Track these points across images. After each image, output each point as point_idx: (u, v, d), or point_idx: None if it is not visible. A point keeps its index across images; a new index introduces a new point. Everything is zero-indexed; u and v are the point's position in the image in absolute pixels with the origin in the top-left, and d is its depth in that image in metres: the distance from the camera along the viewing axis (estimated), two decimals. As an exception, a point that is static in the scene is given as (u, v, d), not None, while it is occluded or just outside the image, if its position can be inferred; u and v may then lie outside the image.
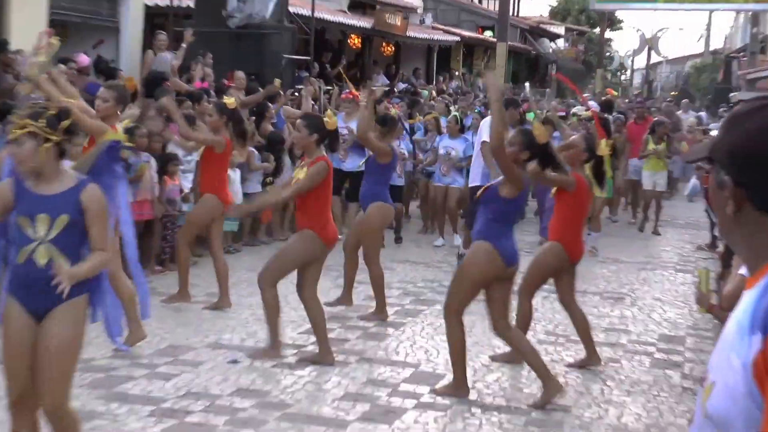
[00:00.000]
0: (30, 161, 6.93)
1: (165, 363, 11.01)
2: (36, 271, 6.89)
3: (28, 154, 6.91)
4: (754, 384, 2.68)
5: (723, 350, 2.88)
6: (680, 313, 15.16)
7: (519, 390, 10.82)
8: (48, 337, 6.96)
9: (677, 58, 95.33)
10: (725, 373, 2.82)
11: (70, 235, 6.94)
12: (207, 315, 13.32)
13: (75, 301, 7.01)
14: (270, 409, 9.77)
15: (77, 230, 6.98)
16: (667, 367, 12.11)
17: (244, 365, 11.14)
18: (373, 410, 9.91)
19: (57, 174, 7.05)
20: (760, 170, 2.87)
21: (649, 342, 13.34)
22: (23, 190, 6.99)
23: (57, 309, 6.94)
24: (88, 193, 7.00)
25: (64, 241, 6.92)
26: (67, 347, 7.00)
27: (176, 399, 9.87)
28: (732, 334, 2.85)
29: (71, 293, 6.86)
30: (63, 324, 6.96)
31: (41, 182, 7.01)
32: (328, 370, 11.14)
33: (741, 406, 2.74)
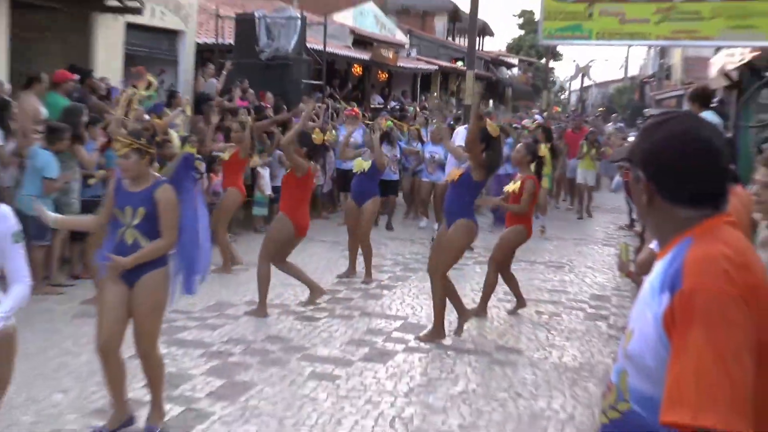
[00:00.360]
0: (134, 171, 7.08)
1: (212, 316, 11.03)
2: (126, 248, 7.02)
3: (133, 165, 7.06)
4: (663, 331, 2.75)
5: (640, 306, 2.95)
6: (606, 278, 15.16)
7: (484, 337, 10.84)
8: (139, 299, 7.08)
9: (604, 83, 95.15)
10: (641, 323, 2.89)
11: (148, 223, 7.04)
12: (243, 279, 13.32)
13: (157, 272, 7.13)
14: (292, 351, 9.79)
15: (153, 219, 7.07)
16: (597, 319, 12.13)
17: (272, 318, 11.17)
18: (372, 352, 9.93)
19: (147, 177, 7.16)
20: (664, 170, 2.95)
21: (583, 300, 13.35)
22: (120, 188, 7.16)
23: (143, 277, 7.05)
24: (160, 191, 7.08)
25: (143, 226, 7.03)
26: (153, 307, 7.13)
27: (220, 344, 9.89)
28: (647, 294, 2.91)
29: (156, 265, 7.09)
30: (149, 290, 7.08)
31: (133, 183, 7.14)
32: (337, 321, 11.17)
33: (652, 348, 2.80)
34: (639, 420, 2.89)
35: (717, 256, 2.77)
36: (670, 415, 2.60)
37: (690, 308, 2.68)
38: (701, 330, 2.63)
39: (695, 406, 2.55)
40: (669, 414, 2.61)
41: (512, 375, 9.40)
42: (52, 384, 8.22)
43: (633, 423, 2.92)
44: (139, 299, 7.09)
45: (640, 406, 2.89)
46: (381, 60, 34.66)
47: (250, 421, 7.62)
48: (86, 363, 8.76)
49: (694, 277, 2.74)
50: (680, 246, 2.90)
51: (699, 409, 2.55)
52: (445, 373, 9.34)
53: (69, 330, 10.08)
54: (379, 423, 7.74)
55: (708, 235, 2.89)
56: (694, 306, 2.68)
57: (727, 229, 2.94)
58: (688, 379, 2.60)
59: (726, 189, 3.01)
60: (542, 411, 8.29)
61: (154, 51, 22.15)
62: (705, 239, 2.87)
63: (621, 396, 2.99)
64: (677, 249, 2.90)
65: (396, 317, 11.63)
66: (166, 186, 7.17)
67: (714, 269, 2.74)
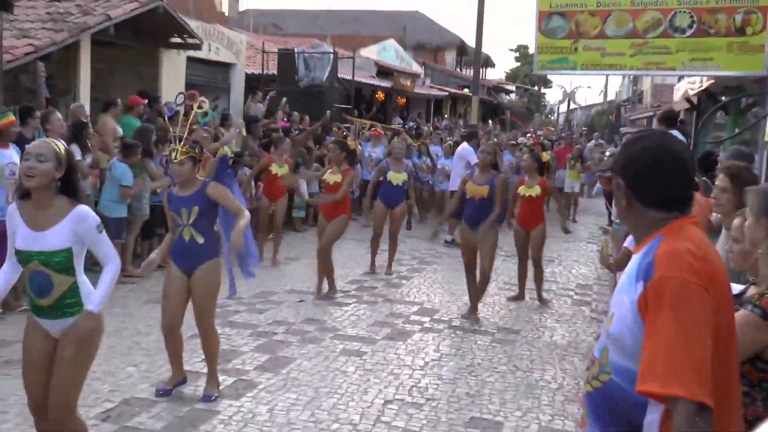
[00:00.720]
0: (186, 176, 7.16)
1: (259, 302, 11.03)
2: (184, 244, 7.16)
3: (188, 171, 7.16)
4: (637, 314, 2.82)
5: (619, 292, 3.00)
6: (589, 270, 15.12)
7: (487, 319, 10.81)
8: (197, 286, 7.20)
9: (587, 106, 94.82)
10: (620, 307, 2.95)
11: (201, 219, 7.15)
12: (286, 271, 13.35)
13: (210, 263, 7.24)
14: (326, 331, 9.80)
15: (206, 216, 7.20)
16: (581, 304, 12.10)
17: (308, 304, 11.17)
18: (393, 332, 9.92)
19: (194, 182, 7.24)
20: (640, 178, 3.02)
21: (570, 288, 13.32)
22: (171, 196, 7.25)
23: (200, 268, 7.18)
24: (210, 188, 7.18)
25: (198, 224, 7.13)
26: (208, 292, 7.26)
27: (266, 325, 9.90)
28: (624, 282, 2.97)
29: (209, 257, 7.22)
30: (204, 278, 7.21)
31: (182, 188, 7.22)
32: (363, 306, 11.18)
33: (630, 328, 2.86)
34: (618, 389, 2.94)
35: (682, 251, 2.84)
36: (644, 385, 2.69)
37: (660, 294, 2.76)
38: (669, 313, 2.71)
39: (664, 378, 2.64)
40: (643, 384, 2.69)
41: (511, 351, 9.38)
42: (126, 359, 8.25)
43: (613, 391, 2.97)
44: (197, 286, 7.21)
45: (620, 378, 2.94)
46: (400, 87, 34.71)
47: (291, 390, 7.63)
48: (155, 341, 8.79)
49: (663, 268, 2.81)
50: (652, 242, 2.96)
51: (667, 380, 2.64)
52: (454, 350, 9.34)
53: (140, 313, 10.12)
54: (399, 391, 7.74)
55: (675, 233, 2.94)
56: (663, 292, 2.75)
57: (691, 228, 3.00)
58: (659, 354, 2.68)
59: (691, 195, 3.08)
60: (536, 381, 8.28)
61: (211, 80, 22.22)
62: (673, 237, 2.93)
63: (603, 369, 3.03)
64: (650, 245, 2.96)
65: (413, 303, 11.61)
66: (212, 183, 7.29)
67: (679, 262, 2.81)
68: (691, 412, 2.62)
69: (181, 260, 7.26)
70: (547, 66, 15.27)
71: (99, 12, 15.22)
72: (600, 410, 3.06)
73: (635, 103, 53.94)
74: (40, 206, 5.07)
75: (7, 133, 9.80)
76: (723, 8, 13.61)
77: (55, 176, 5.03)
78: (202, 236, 7.18)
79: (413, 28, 55.41)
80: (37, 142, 5.25)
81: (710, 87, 18.34)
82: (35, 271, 5.07)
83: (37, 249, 5.02)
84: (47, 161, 4.99)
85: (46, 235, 5.02)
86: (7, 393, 7.07)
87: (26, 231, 5.06)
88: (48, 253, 5.03)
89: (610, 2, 14.26)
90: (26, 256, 5.06)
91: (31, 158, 4.98)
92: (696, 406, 2.62)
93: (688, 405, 2.62)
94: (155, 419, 6.75)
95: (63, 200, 5.11)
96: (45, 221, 5.04)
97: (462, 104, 47.93)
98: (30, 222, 5.06)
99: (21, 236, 5.07)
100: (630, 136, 3.28)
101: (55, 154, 5.03)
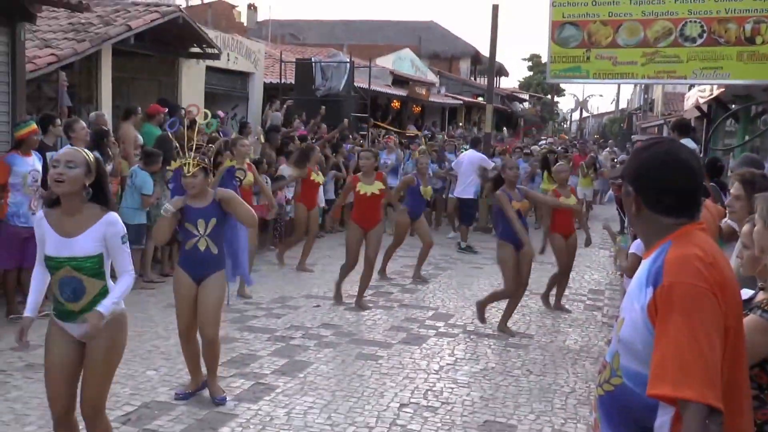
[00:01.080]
0: (199, 187, 7.13)
1: (277, 307, 11.04)
2: (199, 254, 7.18)
3: (200, 183, 7.12)
4: (648, 319, 2.83)
5: (629, 298, 3.00)
6: (601, 275, 15.10)
7: (500, 324, 10.82)
8: (205, 294, 7.22)
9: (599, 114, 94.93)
10: (630, 312, 2.95)
11: (217, 230, 7.20)
12: (304, 277, 13.36)
13: (218, 273, 7.30)
14: (343, 336, 9.80)
15: (221, 226, 7.24)
16: (593, 309, 12.07)
17: (325, 309, 11.18)
18: (409, 337, 9.91)
19: (207, 193, 7.23)
20: (649, 185, 3.03)
21: (582, 293, 13.30)
22: (187, 206, 7.19)
23: (209, 278, 7.22)
24: (219, 193, 7.22)
25: (213, 234, 7.18)
26: (215, 302, 7.24)
27: (284, 330, 9.90)
28: (635, 288, 2.97)
29: (217, 267, 7.27)
30: (213, 287, 7.24)
31: (196, 199, 7.19)
32: (380, 311, 11.17)
33: (640, 333, 2.87)
34: (629, 392, 2.95)
35: (691, 257, 2.85)
36: (655, 388, 2.71)
37: (669, 300, 2.77)
38: (679, 317, 2.73)
39: (675, 381, 2.66)
40: (654, 388, 2.71)
41: (524, 355, 9.37)
42: (146, 363, 8.27)
43: (624, 395, 2.98)
44: (206, 294, 7.24)
45: (631, 381, 2.95)
46: (416, 96, 34.73)
47: (308, 393, 7.63)
48: (174, 345, 8.80)
49: (672, 274, 2.82)
50: (662, 248, 2.97)
51: (678, 384, 2.65)
52: (468, 354, 9.32)
53: (160, 318, 10.14)
54: (414, 395, 7.73)
55: (684, 239, 2.96)
56: (673, 298, 2.77)
57: (699, 234, 3.01)
58: (669, 358, 2.70)
59: (699, 201, 3.10)
60: (549, 385, 8.26)
61: (229, 89, 22.30)
62: (682, 243, 2.94)
63: (614, 373, 3.04)
64: (659, 250, 2.97)
65: (428, 308, 11.60)
66: (220, 190, 7.32)
67: (688, 268, 2.82)
68: (702, 414, 2.64)
69: (193, 269, 7.27)
70: (559, 75, 15.27)
71: (120, 23, 15.29)
72: (612, 413, 3.06)
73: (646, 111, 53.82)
74: (69, 213, 5.07)
75: (30, 142, 9.86)
76: (733, 18, 13.63)
77: (84, 182, 5.03)
78: (217, 247, 7.24)
79: (428, 38, 55.51)
80: (67, 149, 5.27)
81: (720, 95, 18.35)
82: (68, 277, 5.07)
83: (67, 255, 5.03)
84: (76, 167, 4.99)
85: (77, 241, 5.03)
86: (29, 396, 7.11)
87: (55, 238, 5.06)
88: (80, 258, 5.04)
89: (622, 12, 14.28)
90: (57, 262, 5.06)
91: (60, 165, 4.98)
92: (706, 409, 2.64)
93: (698, 408, 2.64)
94: (175, 422, 6.77)
95: (94, 208, 5.12)
96: (74, 228, 5.05)
97: (476, 112, 47.92)
98: (58, 229, 5.06)
99: (51, 243, 5.07)
100: (640, 144, 3.29)
101: (84, 161, 5.04)
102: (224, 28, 26.45)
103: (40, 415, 6.65)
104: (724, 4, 13.76)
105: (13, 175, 9.66)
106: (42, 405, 6.83)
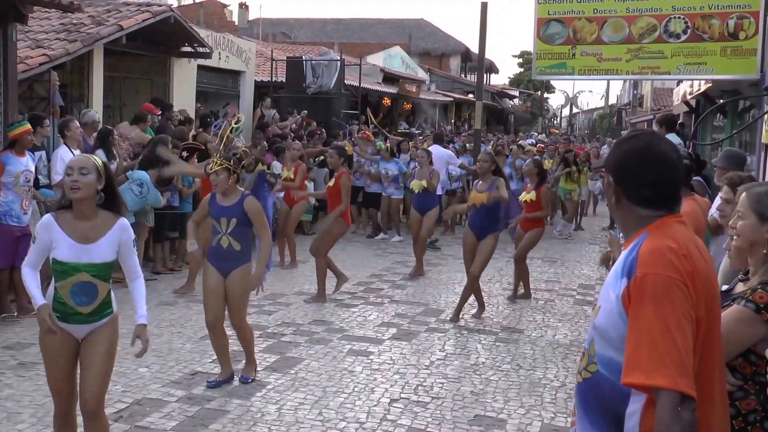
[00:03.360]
0: (223, 186, 7.60)
1: (268, 304, 11.03)
2: (222, 250, 7.67)
3: (223, 181, 7.58)
4: (622, 309, 2.90)
5: (606, 287, 3.08)
6: (591, 270, 15.08)
7: (491, 319, 10.80)
8: (232, 287, 7.68)
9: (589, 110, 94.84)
10: (606, 301, 3.02)
11: (238, 229, 7.63)
12: (294, 274, 13.35)
13: (244, 266, 7.71)
14: (334, 332, 9.79)
15: (242, 226, 7.65)
16: (583, 304, 12.06)
17: (317, 305, 11.16)
18: (399, 332, 9.91)
19: (235, 192, 7.66)
20: (628, 176, 3.08)
21: (572, 288, 13.30)
22: (214, 203, 7.71)
23: (233, 271, 7.67)
24: (247, 203, 7.64)
25: (235, 232, 7.62)
26: (240, 293, 7.73)
27: (275, 326, 9.90)
28: (611, 277, 3.05)
29: (243, 261, 7.71)
30: (237, 280, 7.68)
31: (224, 197, 7.65)
32: (370, 308, 11.17)
33: (614, 322, 2.95)
34: (605, 379, 3.01)
35: (664, 249, 2.90)
36: (628, 377, 2.77)
37: (642, 290, 2.83)
38: (651, 307, 2.79)
39: (647, 369, 2.72)
40: (628, 376, 2.77)
41: (514, 350, 9.37)
42: (137, 360, 8.20)
43: (600, 382, 3.04)
44: (232, 287, 7.67)
45: (606, 369, 3.00)
46: (406, 93, 34.70)
47: (299, 389, 7.63)
48: (166, 342, 8.85)
49: (645, 265, 2.88)
50: (638, 240, 3.02)
51: (651, 372, 2.71)
52: (459, 349, 9.32)
53: (152, 316, 10.02)
54: (405, 390, 7.73)
55: (660, 231, 3.00)
56: (645, 288, 2.83)
57: (676, 227, 3.05)
58: (642, 347, 2.76)
59: (678, 195, 3.14)
60: (539, 380, 8.27)
61: (221, 88, 22.26)
62: (657, 235, 2.98)
63: (591, 360, 3.10)
64: (635, 242, 3.02)
65: (419, 304, 11.59)
66: (250, 198, 7.73)
67: (661, 259, 2.87)
68: (674, 401, 2.69)
69: (218, 263, 7.70)
70: (545, 71, 15.31)
71: (111, 22, 15.23)
72: (588, 400, 3.11)
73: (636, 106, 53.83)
74: (83, 218, 5.12)
75: (24, 141, 9.83)
76: (716, 14, 13.73)
77: (97, 188, 5.11)
78: (240, 244, 7.65)
79: (418, 36, 55.56)
80: (79, 157, 5.38)
81: (708, 90, 18.37)
82: (83, 282, 5.10)
83: (87, 261, 5.09)
84: (89, 173, 5.06)
85: (96, 248, 5.11)
86: (21, 394, 7.08)
87: (72, 243, 5.08)
88: (99, 265, 5.13)
89: (607, 9, 14.34)
90: (73, 268, 5.08)
91: (74, 172, 5.04)
92: (679, 396, 2.69)
93: (670, 395, 2.69)
94: (166, 419, 6.75)
95: (106, 213, 5.21)
96: (92, 233, 5.12)
97: (467, 109, 47.91)
98: (74, 234, 5.09)
99: (65, 248, 5.08)
100: (621, 137, 3.32)
101: (95, 167, 5.11)
102: (216, 27, 26.45)
103: (32, 413, 6.64)
104: (708, 0, 13.82)
105: (5, 175, 9.62)
106: (34, 403, 6.85)
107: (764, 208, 3.77)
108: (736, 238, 3.87)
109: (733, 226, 3.90)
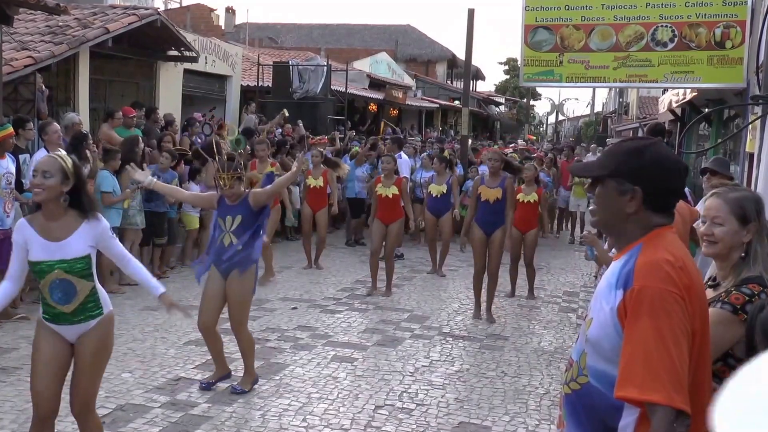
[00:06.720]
0: (240, 194, 7.73)
1: (252, 309, 10.91)
2: (224, 248, 7.68)
3: (238, 191, 7.72)
4: (617, 321, 2.86)
5: (598, 298, 3.04)
6: (576, 277, 15.11)
7: (476, 326, 10.78)
8: (230, 292, 7.71)
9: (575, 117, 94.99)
10: (599, 313, 2.98)
11: (241, 227, 7.67)
12: (278, 280, 13.29)
13: (246, 271, 7.72)
14: (318, 338, 9.76)
15: (246, 224, 7.68)
16: (568, 311, 12.07)
17: (301, 311, 11.13)
18: (384, 339, 9.89)
19: (242, 193, 7.76)
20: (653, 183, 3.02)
21: (557, 295, 13.30)
22: (223, 202, 7.76)
23: (235, 279, 7.67)
24: (252, 196, 7.74)
25: (238, 231, 7.66)
26: (240, 298, 7.75)
27: (259, 332, 9.85)
28: (604, 288, 3.01)
29: (246, 264, 7.70)
30: (237, 286, 7.70)
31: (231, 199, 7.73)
32: (355, 314, 11.14)
33: (609, 334, 2.91)
34: (596, 392, 2.98)
35: (661, 261, 2.87)
36: (622, 390, 2.74)
37: (639, 303, 2.80)
38: (647, 320, 2.75)
39: (642, 384, 2.69)
40: (621, 390, 2.74)
41: (499, 357, 9.36)
42: (121, 365, 8.20)
43: (590, 394, 3.01)
44: (232, 290, 7.69)
45: (597, 381, 2.98)
46: (392, 99, 34.72)
47: (283, 395, 7.61)
48: (150, 348, 8.80)
49: (642, 277, 2.85)
50: (633, 251, 2.99)
51: (645, 387, 2.68)
52: (444, 356, 9.30)
53: (136, 320, 10.08)
54: (389, 397, 7.71)
55: (655, 242, 2.97)
56: (642, 301, 2.79)
57: (670, 237, 3.03)
58: (637, 361, 2.73)
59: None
60: (524, 387, 8.26)
61: (207, 92, 22.22)
62: (652, 246, 2.96)
63: (581, 371, 3.07)
64: (630, 253, 2.99)
65: (404, 310, 11.57)
66: (252, 192, 7.86)
67: (659, 272, 2.84)
68: (669, 418, 2.67)
69: (219, 263, 7.69)
70: (533, 78, 15.32)
71: (98, 25, 15.19)
72: (577, 412, 3.09)
73: (621, 114, 53.96)
74: (52, 218, 5.15)
75: (6, 145, 9.77)
76: (703, 22, 13.80)
77: (62, 190, 5.11)
78: (241, 243, 7.63)
79: (405, 42, 55.55)
80: (45, 158, 5.34)
81: (694, 99, 18.41)
82: (59, 280, 5.11)
83: (59, 258, 5.09)
84: (52, 177, 5.07)
85: (67, 244, 5.11)
86: (2, 399, 7.02)
87: (43, 242, 5.11)
88: (71, 260, 5.12)
89: (594, 16, 14.38)
90: (47, 266, 5.10)
91: (38, 174, 5.08)
92: (674, 412, 2.67)
93: (666, 411, 2.66)
94: (149, 425, 6.71)
95: (74, 212, 5.22)
96: (61, 231, 5.13)
97: (453, 116, 47.94)
98: (44, 233, 5.12)
99: (38, 248, 5.11)
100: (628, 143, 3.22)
101: (60, 169, 5.10)
102: (202, 32, 26.35)
103: (13, 419, 6.59)
104: (695, 9, 13.90)
105: (-14, 177, 9.56)
106: (15, 408, 6.79)
107: (746, 212, 3.75)
108: (712, 245, 3.82)
109: (708, 233, 3.84)
